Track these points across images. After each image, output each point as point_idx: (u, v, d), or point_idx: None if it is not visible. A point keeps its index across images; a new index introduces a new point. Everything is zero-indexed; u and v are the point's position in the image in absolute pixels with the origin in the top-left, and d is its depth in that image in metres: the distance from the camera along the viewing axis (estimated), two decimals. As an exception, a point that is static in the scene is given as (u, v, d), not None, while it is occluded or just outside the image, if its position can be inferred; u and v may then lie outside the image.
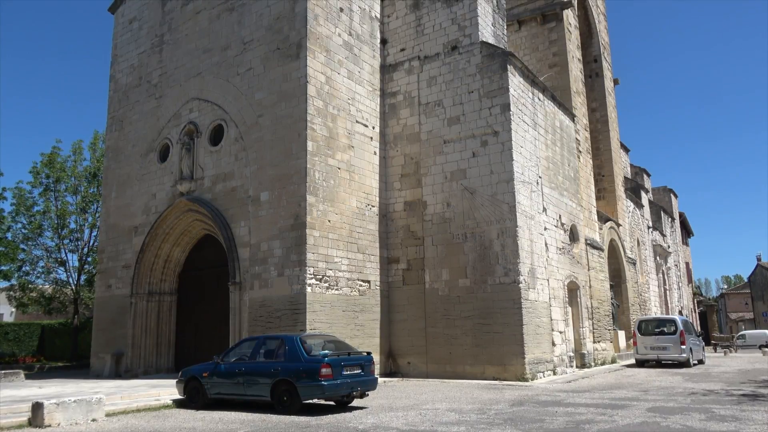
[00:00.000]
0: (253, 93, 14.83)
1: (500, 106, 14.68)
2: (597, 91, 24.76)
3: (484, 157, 14.70)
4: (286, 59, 14.34)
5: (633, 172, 36.18)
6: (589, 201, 20.43)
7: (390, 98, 16.54)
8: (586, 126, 21.74)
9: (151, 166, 16.98)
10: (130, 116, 18.06)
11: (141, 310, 16.36)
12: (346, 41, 15.45)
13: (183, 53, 16.83)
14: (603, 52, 25.26)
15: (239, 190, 14.64)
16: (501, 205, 14.26)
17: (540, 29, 20.66)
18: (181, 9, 17.22)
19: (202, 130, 15.74)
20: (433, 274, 15.02)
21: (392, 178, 16.13)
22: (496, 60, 15.01)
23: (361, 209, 15.11)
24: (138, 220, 16.93)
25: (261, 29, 15.02)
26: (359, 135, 15.43)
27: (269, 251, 13.74)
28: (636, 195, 29.38)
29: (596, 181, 23.00)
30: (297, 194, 13.54)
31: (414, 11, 16.67)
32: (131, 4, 18.97)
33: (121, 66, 18.81)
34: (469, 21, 15.69)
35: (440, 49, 15.95)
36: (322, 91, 14.33)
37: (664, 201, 39.78)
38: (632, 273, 24.88)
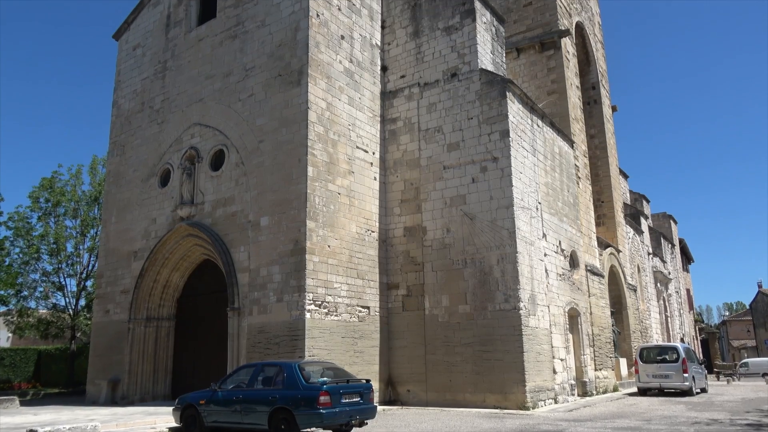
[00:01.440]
0: (254, 119, 14.94)
1: (499, 133, 14.78)
2: (595, 117, 24.95)
3: (484, 182, 14.75)
4: (288, 86, 14.48)
5: (632, 198, 36.25)
6: (588, 227, 20.43)
7: (390, 124, 16.66)
8: (585, 152, 21.86)
9: (151, 191, 17.01)
10: (131, 141, 18.17)
11: (138, 335, 16.22)
12: (347, 68, 15.62)
13: (185, 79, 17.00)
14: (601, 79, 25.54)
15: (239, 215, 14.64)
16: (501, 231, 14.25)
17: (538, 57, 20.91)
18: (185, 36, 17.45)
19: (203, 155, 15.82)
20: (432, 300, 14.94)
21: (392, 203, 16.15)
22: (495, 87, 15.16)
23: (361, 235, 15.10)
24: (137, 244, 16.90)
25: (263, 56, 15.20)
26: (359, 160, 15.50)
27: (268, 276, 13.68)
28: (635, 221, 29.39)
29: (596, 207, 23.02)
30: (297, 219, 13.53)
31: (414, 39, 16.89)
32: (136, 32, 19.23)
33: (124, 92, 18.99)
34: (468, 49, 15.89)
35: (440, 76, 16.13)
36: (322, 117, 14.44)
37: (664, 227, 39.78)
38: (633, 300, 24.75)
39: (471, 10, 16.10)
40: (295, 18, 14.77)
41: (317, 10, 14.84)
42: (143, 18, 19.07)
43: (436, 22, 16.56)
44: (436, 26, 16.54)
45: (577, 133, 20.71)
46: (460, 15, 16.21)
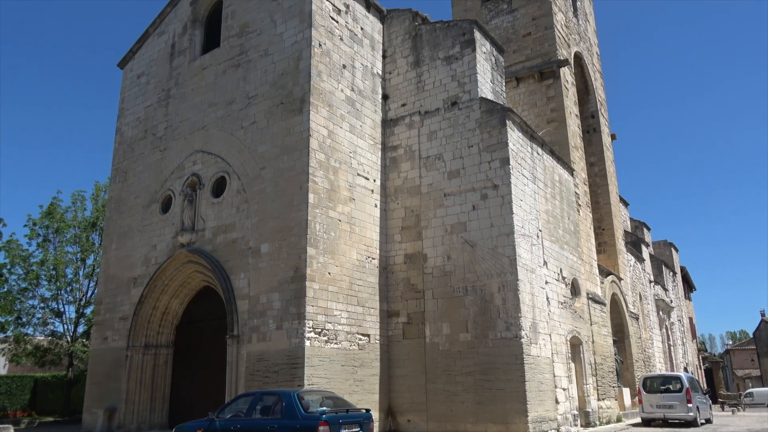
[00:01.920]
0: (256, 146, 15.05)
1: (500, 160, 14.86)
2: (595, 145, 25.12)
3: (485, 210, 14.78)
4: (290, 114, 14.62)
5: (633, 226, 36.27)
6: (589, 255, 20.39)
7: (391, 152, 16.77)
8: (585, 180, 21.95)
9: (152, 218, 17.04)
10: (134, 168, 18.27)
11: (136, 363, 16.07)
12: (348, 96, 15.79)
13: (189, 107, 17.18)
14: (600, 108, 25.78)
15: (240, 241, 14.64)
16: (501, 259, 14.22)
17: (538, 86, 21.15)
18: (189, 65, 17.69)
19: (205, 182, 15.89)
20: (433, 328, 14.83)
21: (393, 230, 16.16)
22: (495, 115, 15.30)
23: (362, 262, 15.07)
24: (137, 271, 16.86)
25: (266, 85, 15.38)
26: (360, 188, 15.56)
27: (268, 304, 13.61)
28: (636, 249, 29.35)
29: (596, 235, 23.02)
30: (297, 246, 13.53)
31: (415, 68, 17.12)
32: (140, 60, 19.51)
33: (127, 119, 19.17)
34: (468, 78, 16.09)
35: (440, 104, 16.29)
36: (324, 144, 14.54)
37: (665, 255, 39.71)
38: (635, 328, 24.57)
39: (471, 40, 16.35)
40: (298, 47, 15.00)
41: (319, 40, 15.07)
42: (148, 47, 19.37)
43: (437, 52, 16.80)
44: (437, 56, 16.77)
45: (576, 161, 20.82)
46: (460, 45, 16.46)
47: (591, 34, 27.18)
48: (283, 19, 15.56)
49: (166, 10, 19.04)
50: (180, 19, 18.53)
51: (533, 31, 21.76)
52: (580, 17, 25.68)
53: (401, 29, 17.63)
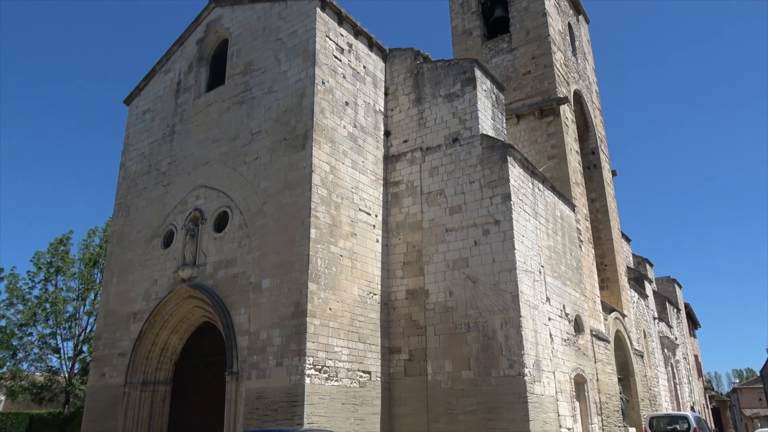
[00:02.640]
0: (259, 181, 15.14)
1: (501, 196, 14.92)
2: (596, 181, 25.24)
3: (486, 245, 14.76)
4: (293, 149, 14.76)
5: (635, 262, 36.12)
6: (592, 291, 20.26)
7: (393, 187, 16.86)
8: (586, 216, 21.98)
9: (154, 252, 17.03)
10: (137, 203, 18.36)
11: (134, 400, 15.82)
12: (350, 133, 15.97)
13: (192, 143, 17.37)
14: (600, 144, 26.00)
15: (241, 276, 14.59)
16: (504, 295, 14.13)
17: (538, 123, 21.38)
18: (194, 102, 17.96)
19: (207, 216, 15.94)
20: (435, 365, 14.63)
21: (394, 266, 16.11)
22: (496, 152, 15.42)
23: (363, 297, 14.98)
24: (137, 306, 16.77)
25: (269, 121, 15.58)
26: (362, 223, 15.59)
27: (268, 340, 13.48)
28: (640, 285, 29.17)
29: (599, 271, 22.91)
30: (299, 281, 13.47)
31: (416, 105, 17.35)
32: (146, 97, 19.82)
33: (132, 154, 19.36)
34: (469, 115, 16.28)
35: (442, 140, 16.45)
36: (326, 180, 14.63)
37: (669, 291, 39.42)
38: (640, 366, 24.22)
39: (472, 78, 16.62)
40: (302, 85, 15.24)
41: (323, 78, 15.33)
42: (154, 84, 19.70)
43: (438, 90, 17.06)
44: (438, 93, 17.02)
45: (578, 197, 20.89)
46: (461, 83, 16.71)
47: (590, 73, 27.61)
48: (287, 58, 15.86)
49: (172, 49, 19.43)
50: (186, 57, 18.90)
51: (533, 70, 22.12)
52: (579, 56, 26.13)
53: (403, 67, 17.94)
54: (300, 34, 15.82)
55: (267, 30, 16.72)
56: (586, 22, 28.91)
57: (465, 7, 24.98)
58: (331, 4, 16.17)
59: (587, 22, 28.98)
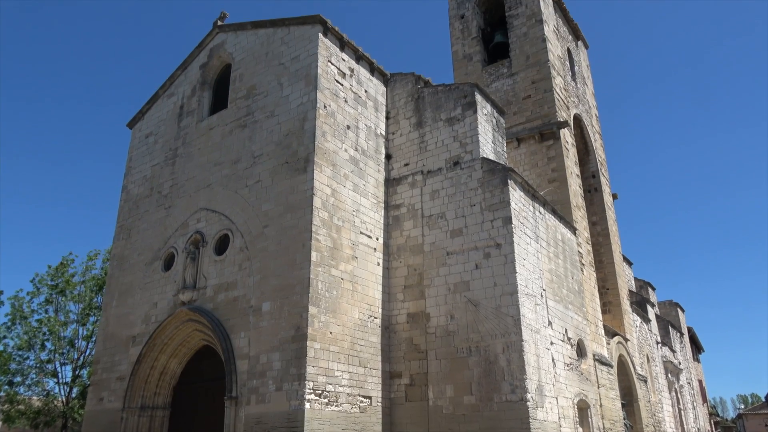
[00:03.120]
0: (260, 204, 15.18)
1: (502, 219, 14.92)
2: (597, 205, 25.26)
3: (488, 269, 14.71)
4: (294, 172, 14.82)
5: (637, 286, 35.95)
6: (595, 315, 20.13)
7: (394, 210, 16.88)
8: (587, 239, 21.95)
9: (154, 275, 16.99)
10: (138, 225, 18.38)
11: (131, 426, 15.62)
12: (352, 156, 16.05)
13: (194, 166, 17.45)
14: (600, 168, 26.09)
15: (241, 300, 14.53)
16: (505, 318, 14.04)
17: (538, 147, 21.49)
18: (196, 125, 18.10)
19: (208, 239, 15.94)
20: (436, 390, 14.47)
21: (395, 289, 16.04)
22: (496, 175, 15.48)
23: (364, 321, 14.89)
24: (137, 329, 16.66)
25: (271, 144, 15.67)
26: (363, 246, 15.57)
27: (268, 364, 13.36)
28: (642, 309, 28.98)
29: (601, 295, 22.79)
30: (299, 305, 13.40)
31: (417, 129, 17.47)
32: (149, 121, 19.98)
33: (134, 177, 19.44)
34: (470, 138, 16.38)
35: (442, 164, 16.52)
36: (327, 203, 14.66)
37: (671, 315, 39.15)
38: (644, 391, 23.93)
39: (472, 102, 16.76)
40: (303, 109, 15.37)
41: (324, 102, 15.46)
42: (157, 108, 19.88)
43: (439, 114, 17.19)
44: (439, 117, 17.15)
45: (579, 220, 20.89)
46: (462, 107, 16.85)
47: (589, 97, 27.84)
48: (289, 82, 16.03)
49: (176, 73, 19.65)
50: (189, 81, 19.10)
51: (533, 94, 22.31)
52: (579, 81, 26.38)
53: (404, 92, 18.11)
54: (302, 59, 16.00)
55: (270, 55, 16.93)
56: (585, 48, 29.26)
57: (465, 33, 25.31)
58: (333, 30, 16.39)
59: (586, 47, 29.32)
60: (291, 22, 16.72)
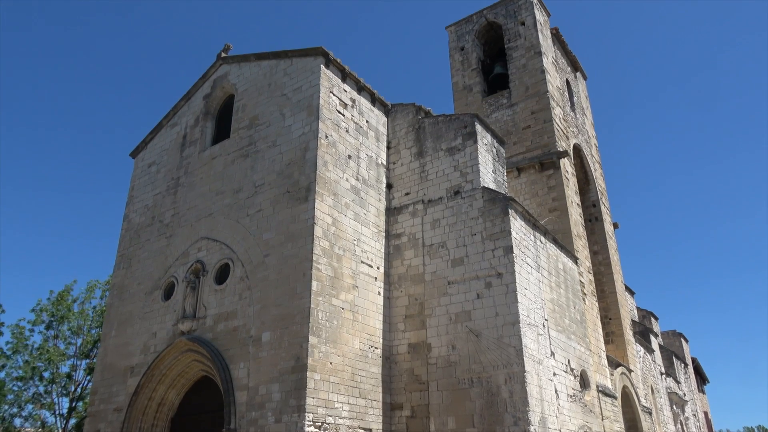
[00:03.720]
0: (261, 233, 15.19)
1: (503, 249, 14.91)
2: (598, 234, 25.25)
3: (489, 298, 14.64)
4: (296, 202, 14.88)
5: (640, 316, 35.70)
6: (597, 345, 19.94)
7: (395, 239, 16.88)
8: (589, 269, 21.88)
9: (154, 305, 16.91)
10: (139, 254, 18.37)
11: (128, 458, 15.35)
12: (353, 185, 16.13)
13: (196, 195, 17.53)
14: (601, 197, 26.16)
15: (241, 329, 14.43)
16: (507, 349, 13.91)
17: (539, 176, 21.60)
18: (199, 155, 18.23)
19: (209, 268, 15.91)
20: (438, 423, 14.25)
21: (396, 319, 15.94)
22: (497, 204, 15.52)
23: (364, 351, 14.75)
24: (135, 359, 16.51)
25: (272, 174, 15.77)
26: (364, 275, 15.53)
27: (267, 395, 13.19)
28: (645, 339, 28.71)
29: (603, 325, 22.61)
30: (299, 335, 13.30)
31: (418, 159, 17.59)
32: (152, 150, 20.14)
33: (136, 206, 19.51)
34: (470, 168, 16.48)
35: (443, 193, 16.59)
36: (328, 232, 14.68)
37: (675, 345, 38.77)
38: (649, 423, 23.55)
39: (472, 132, 16.91)
40: (305, 139, 15.51)
41: (326, 132, 15.61)
42: (160, 138, 20.06)
43: (439, 144, 17.33)
44: (440, 147, 17.28)
45: (580, 250, 20.85)
46: (462, 137, 17.00)
47: (589, 127, 28.08)
48: (291, 112, 16.21)
49: (179, 104, 19.89)
50: (193, 111, 19.32)
51: (532, 124, 22.52)
52: (578, 111, 26.65)
53: (405, 122, 18.30)
54: (304, 90, 16.22)
55: (272, 86, 17.16)
56: (584, 79, 29.64)
57: (465, 64, 25.68)
58: (335, 61, 16.65)
59: (585, 78, 29.71)
60: (293, 54, 17.00)
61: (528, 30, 24.24)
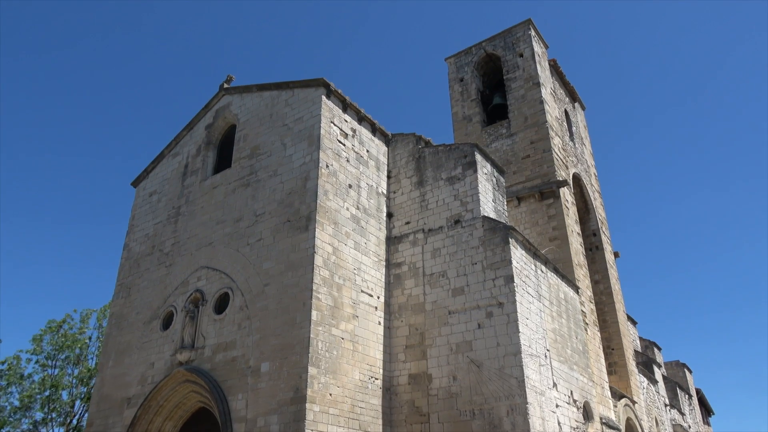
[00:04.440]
0: (261, 262, 15.16)
1: (504, 278, 14.85)
2: (598, 263, 25.19)
3: (490, 328, 14.52)
4: (296, 231, 14.88)
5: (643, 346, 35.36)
6: (600, 376, 19.71)
7: (395, 269, 16.83)
8: (590, 298, 21.76)
9: (152, 334, 16.77)
10: (138, 283, 18.29)
11: (122, 492, 15.04)
12: (353, 215, 16.16)
13: (197, 224, 17.54)
14: (601, 226, 26.18)
15: (239, 360, 14.28)
16: (509, 380, 13.74)
17: (539, 205, 21.66)
18: (200, 184, 18.32)
19: (208, 298, 15.82)
20: (439, 456, 13.98)
21: (396, 349, 15.78)
22: (498, 233, 15.52)
23: (364, 382, 14.57)
24: (132, 390, 16.30)
25: (273, 203, 15.81)
26: (364, 305, 15.44)
27: (266, 427, 12.98)
28: (648, 370, 28.39)
29: (606, 355, 22.39)
30: (299, 365, 13.16)
31: (418, 188, 17.66)
32: (154, 179, 20.24)
33: (136, 235, 19.51)
34: (470, 197, 16.53)
35: (444, 222, 16.61)
36: (328, 261, 14.65)
37: (679, 376, 38.29)
38: (654, 456, 23.11)
39: (472, 162, 17.02)
40: (306, 168, 15.60)
41: (327, 162, 15.71)
42: (162, 167, 20.18)
43: (440, 173, 17.42)
44: (440, 176, 17.37)
45: (581, 279, 20.77)
46: (462, 167, 17.10)
47: (588, 157, 28.26)
48: (292, 142, 16.34)
49: (182, 134, 20.07)
50: (195, 141, 19.48)
51: (532, 154, 22.68)
52: (577, 141, 26.86)
53: (405, 151, 18.43)
54: (306, 120, 16.38)
55: (274, 116, 17.34)
56: (582, 109, 29.96)
57: (465, 95, 25.99)
58: (336, 92, 16.85)
59: (583, 108, 30.03)
60: (295, 85, 17.22)
61: (526, 61, 24.61)
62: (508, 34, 25.70)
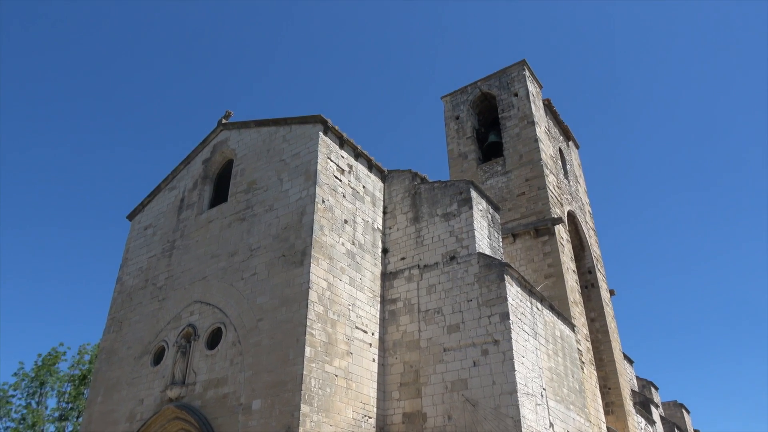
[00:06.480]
0: (255, 297, 15.04)
1: (499, 315, 14.76)
2: (594, 301, 25.09)
3: (486, 366, 14.36)
4: (291, 266, 14.82)
5: (640, 385, 34.93)
6: (597, 416, 19.40)
7: (390, 305, 16.72)
8: (586, 336, 21.60)
9: (143, 370, 16.50)
10: (130, 317, 18.08)
11: None
12: (349, 250, 16.13)
13: (191, 258, 17.46)
14: (596, 264, 26.18)
15: (231, 397, 14.02)
16: (505, 420, 13.51)
17: (534, 242, 21.69)
18: (195, 218, 18.31)
19: (200, 333, 15.63)
20: (434, 498, 13.63)
21: (391, 386, 15.55)
22: (493, 270, 15.49)
23: (358, 421, 14.30)
24: (121, 427, 15.93)
25: (269, 237, 15.79)
26: (358, 341, 15.27)
27: (257, 467, 12.67)
28: (646, 410, 27.95)
29: (603, 395, 22.09)
30: (291, 403, 12.92)
31: (414, 224, 17.70)
32: (149, 213, 20.23)
33: (130, 269, 19.38)
34: (466, 234, 16.56)
35: (439, 258, 16.58)
36: (323, 296, 14.55)
37: (677, 417, 37.73)
38: (654, 501, 22.58)
39: (468, 198, 17.11)
40: (302, 203, 15.65)
41: (323, 197, 15.77)
42: (158, 201, 20.20)
43: (435, 209, 17.49)
44: (435, 213, 17.43)
45: (577, 317, 20.66)
46: (458, 203, 17.19)
47: (582, 195, 28.47)
48: (289, 177, 16.43)
49: (179, 168, 20.16)
50: (192, 175, 19.55)
51: (527, 191, 22.84)
52: (571, 179, 27.10)
53: (401, 188, 18.54)
54: (302, 156, 16.51)
55: (271, 151, 17.47)
56: (576, 147, 30.32)
57: (460, 132, 26.32)
58: (333, 129, 17.04)
59: (577, 147, 30.40)
60: (293, 121, 17.42)
61: (521, 101, 25.02)
62: (503, 74, 26.21)
